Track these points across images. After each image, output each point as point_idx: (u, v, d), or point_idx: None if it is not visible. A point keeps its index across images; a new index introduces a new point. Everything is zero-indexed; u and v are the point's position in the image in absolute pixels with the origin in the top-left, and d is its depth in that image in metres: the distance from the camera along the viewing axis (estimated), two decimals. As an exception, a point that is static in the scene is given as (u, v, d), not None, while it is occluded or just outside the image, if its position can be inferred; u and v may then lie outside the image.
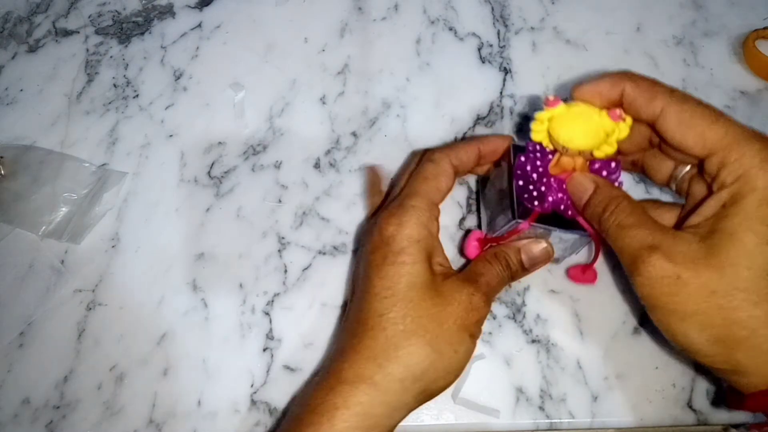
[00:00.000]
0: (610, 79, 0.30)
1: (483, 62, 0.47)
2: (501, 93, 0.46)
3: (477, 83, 0.46)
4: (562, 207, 0.32)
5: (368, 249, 0.31)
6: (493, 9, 0.49)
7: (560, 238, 0.34)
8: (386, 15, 0.49)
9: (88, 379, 0.37)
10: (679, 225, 0.30)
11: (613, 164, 0.32)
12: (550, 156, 0.32)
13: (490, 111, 0.45)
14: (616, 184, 0.31)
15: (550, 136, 0.31)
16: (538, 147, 0.32)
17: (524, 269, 0.33)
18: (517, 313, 0.38)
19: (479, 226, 0.40)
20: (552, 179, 0.31)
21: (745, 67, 0.46)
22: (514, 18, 0.49)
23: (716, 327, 0.26)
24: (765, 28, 0.46)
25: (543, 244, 0.33)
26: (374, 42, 0.48)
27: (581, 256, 0.38)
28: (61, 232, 0.41)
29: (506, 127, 0.44)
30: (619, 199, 0.29)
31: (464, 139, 0.36)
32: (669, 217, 0.32)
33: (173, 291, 0.39)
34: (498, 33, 0.48)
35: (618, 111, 0.30)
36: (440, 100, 0.45)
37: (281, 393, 0.37)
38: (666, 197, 0.40)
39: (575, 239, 0.34)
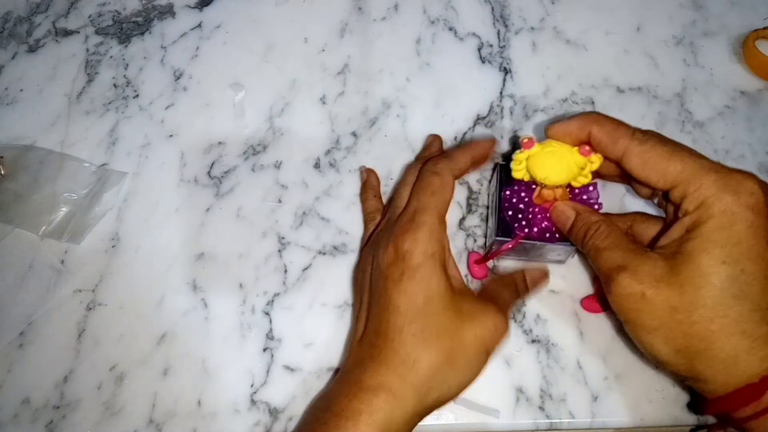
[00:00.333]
0: (579, 122, 0.32)
1: (483, 62, 0.47)
2: (501, 93, 0.46)
3: (477, 83, 0.46)
4: (548, 234, 0.34)
5: (384, 264, 0.32)
6: (493, 9, 0.49)
7: (555, 250, 0.36)
8: (386, 15, 0.49)
9: (88, 379, 0.37)
10: (657, 238, 0.32)
11: (591, 188, 0.34)
12: (534, 186, 0.34)
13: (490, 111, 0.45)
14: (596, 206, 0.34)
15: (529, 173, 0.33)
16: (521, 181, 0.34)
17: (527, 291, 0.36)
18: (517, 313, 0.38)
19: (485, 235, 0.41)
20: (537, 209, 0.34)
21: (745, 67, 0.46)
22: (514, 18, 0.49)
23: (678, 340, 0.29)
24: (765, 28, 0.46)
25: (542, 269, 0.37)
26: (374, 42, 0.48)
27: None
28: (61, 232, 0.41)
29: (506, 126, 0.44)
30: (597, 225, 0.32)
31: (457, 146, 0.38)
32: (654, 230, 0.34)
33: (173, 291, 0.39)
34: (498, 33, 0.48)
35: (587, 148, 0.32)
36: (440, 100, 0.45)
37: (281, 393, 0.37)
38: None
39: (571, 249, 0.36)
